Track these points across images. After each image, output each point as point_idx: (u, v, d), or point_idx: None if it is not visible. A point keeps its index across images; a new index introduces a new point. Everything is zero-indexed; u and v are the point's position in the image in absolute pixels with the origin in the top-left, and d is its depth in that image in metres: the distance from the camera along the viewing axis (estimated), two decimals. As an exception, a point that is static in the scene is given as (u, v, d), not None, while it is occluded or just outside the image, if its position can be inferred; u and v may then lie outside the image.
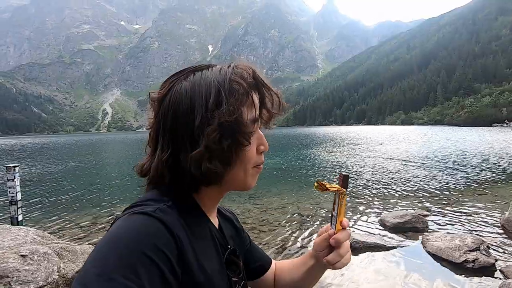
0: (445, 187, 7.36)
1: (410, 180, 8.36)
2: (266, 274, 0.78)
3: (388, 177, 9.00)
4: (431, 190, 7.13)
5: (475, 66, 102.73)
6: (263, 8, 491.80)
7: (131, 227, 0.44)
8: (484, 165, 10.61)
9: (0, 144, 54.49)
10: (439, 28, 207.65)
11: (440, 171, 9.75)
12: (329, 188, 0.59)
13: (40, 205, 7.03)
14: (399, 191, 7.12)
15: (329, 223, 0.63)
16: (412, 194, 6.79)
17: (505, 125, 55.47)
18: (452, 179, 8.31)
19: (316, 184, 0.60)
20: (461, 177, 8.62)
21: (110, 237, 0.44)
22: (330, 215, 0.62)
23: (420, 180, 8.31)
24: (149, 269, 0.41)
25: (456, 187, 7.39)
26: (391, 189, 7.42)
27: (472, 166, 10.49)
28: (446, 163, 11.53)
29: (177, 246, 0.46)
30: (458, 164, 11.15)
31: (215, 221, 0.63)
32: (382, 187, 7.63)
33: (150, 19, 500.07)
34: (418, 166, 11.02)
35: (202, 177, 0.52)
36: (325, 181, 0.59)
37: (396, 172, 9.77)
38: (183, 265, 0.46)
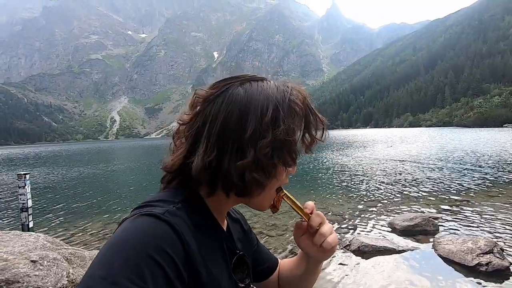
0: (456, 189, 7.20)
1: (420, 182, 8.22)
2: (272, 274, 0.78)
3: (398, 179, 8.87)
4: (442, 192, 6.99)
5: (483, 66, 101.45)
6: (267, 14, 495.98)
7: (138, 229, 0.44)
8: (496, 166, 10.38)
9: (15, 152, 55.85)
10: (445, 29, 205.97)
11: (450, 172, 9.57)
12: (275, 203, 0.62)
13: (51, 212, 7.12)
14: (409, 194, 7.00)
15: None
16: (422, 196, 6.67)
17: (517, 125, 54.33)
18: (463, 181, 8.14)
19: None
20: (472, 178, 8.44)
21: (116, 239, 0.44)
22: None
23: (430, 182, 8.16)
24: (155, 272, 0.41)
25: (467, 188, 7.23)
26: (400, 191, 7.30)
27: (483, 167, 10.27)
28: (456, 164, 11.32)
29: (184, 249, 0.45)
30: (469, 165, 10.93)
31: (223, 223, 0.62)
32: (391, 190, 7.51)
33: (156, 28, 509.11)
34: (428, 168, 10.84)
35: (242, 185, 0.52)
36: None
37: (405, 174, 9.63)
38: (190, 269, 0.46)
